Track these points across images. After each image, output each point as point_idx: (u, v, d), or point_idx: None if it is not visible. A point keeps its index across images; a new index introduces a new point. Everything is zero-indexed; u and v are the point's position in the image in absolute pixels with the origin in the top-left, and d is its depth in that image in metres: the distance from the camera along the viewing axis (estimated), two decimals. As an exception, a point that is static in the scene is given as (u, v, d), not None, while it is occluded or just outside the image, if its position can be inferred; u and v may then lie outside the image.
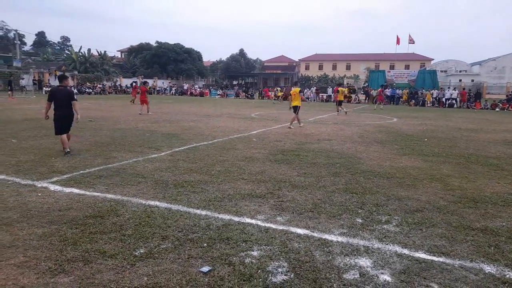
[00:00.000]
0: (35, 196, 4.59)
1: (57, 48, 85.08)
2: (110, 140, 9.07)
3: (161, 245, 3.35)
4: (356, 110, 25.28)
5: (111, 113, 16.79)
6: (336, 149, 8.58)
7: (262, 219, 4.06)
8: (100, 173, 5.80)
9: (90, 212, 4.09)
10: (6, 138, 8.87)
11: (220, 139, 9.79)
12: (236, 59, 66.49)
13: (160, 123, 13.13)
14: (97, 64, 48.37)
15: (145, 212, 4.14)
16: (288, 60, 77.81)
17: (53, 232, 3.57)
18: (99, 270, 2.89)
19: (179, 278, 2.80)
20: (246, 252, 3.24)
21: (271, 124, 14.08)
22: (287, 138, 10.29)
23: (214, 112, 19.69)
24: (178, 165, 6.53)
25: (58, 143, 8.36)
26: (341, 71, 68.76)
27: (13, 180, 5.30)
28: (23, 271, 2.86)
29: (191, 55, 59.02)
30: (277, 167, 6.59)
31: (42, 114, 8.18)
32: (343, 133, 11.84)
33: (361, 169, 6.59)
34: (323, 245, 3.44)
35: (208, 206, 4.43)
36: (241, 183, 5.48)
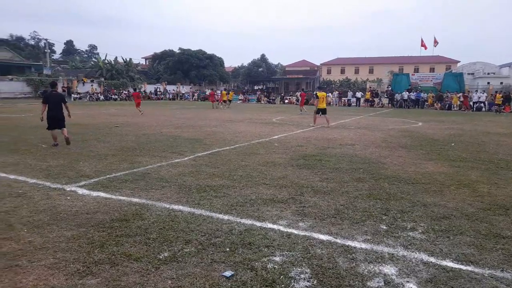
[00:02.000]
0: (64, 200, 4.76)
1: (84, 56, 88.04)
2: (135, 145, 9.29)
3: (184, 249, 3.40)
4: (380, 114, 24.87)
5: (136, 119, 17.19)
6: (359, 154, 8.47)
7: (284, 224, 4.06)
8: (125, 177, 5.95)
9: (116, 216, 4.20)
10: (37, 144, 9.23)
11: (242, 144, 9.85)
12: (257, 64, 66.80)
13: (183, 129, 13.33)
14: (122, 71, 49.69)
15: (169, 216, 4.21)
16: (310, 65, 77.50)
17: (81, 234, 3.68)
18: (125, 272, 2.96)
19: (202, 282, 2.83)
20: (269, 258, 3.25)
21: (292, 129, 14.05)
22: (309, 143, 10.23)
23: (235, 117, 19.83)
24: (200, 169, 6.61)
25: (85, 147, 8.67)
26: (363, 74, 67.90)
27: (43, 184, 5.50)
28: (53, 272, 2.96)
29: (213, 60, 59.77)
30: (299, 172, 6.57)
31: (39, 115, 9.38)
32: (366, 137, 11.67)
33: (385, 174, 6.48)
34: (347, 252, 3.40)
35: (231, 210, 4.46)
36: (263, 188, 5.49)
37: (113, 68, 49.37)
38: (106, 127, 13.25)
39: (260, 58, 68.41)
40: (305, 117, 19.45)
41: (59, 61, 71.51)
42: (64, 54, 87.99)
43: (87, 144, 9.24)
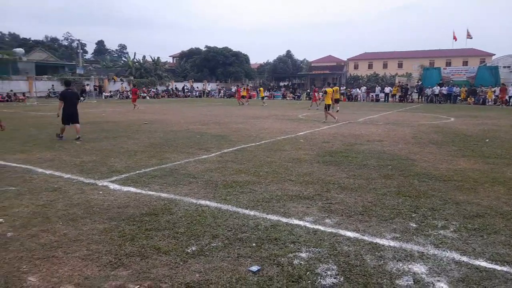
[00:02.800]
0: (96, 194, 4.94)
1: (115, 55, 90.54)
2: (164, 141, 9.49)
3: (211, 243, 3.46)
4: (409, 109, 24.20)
5: (164, 116, 17.55)
6: (387, 151, 8.29)
7: (311, 220, 4.04)
8: (154, 173, 6.10)
9: (146, 210, 4.32)
10: (70, 140, 9.61)
11: (267, 140, 9.86)
12: (283, 60, 66.46)
13: (209, 125, 13.49)
14: (151, 69, 50.75)
15: (196, 211, 4.29)
16: (336, 60, 76.28)
17: (113, 228, 3.81)
18: (154, 265, 3.04)
19: (229, 276, 2.87)
20: (295, 254, 3.25)
21: (318, 125, 13.92)
22: (336, 139, 10.11)
23: (261, 113, 19.85)
24: (227, 166, 6.68)
25: (116, 144, 8.95)
26: (392, 69, 66.10)
27: (77, 179, 5.73)
28: (87, 263, 3.08)
29: (238, 58, 59.99)
30: (325, 168, 6.51)
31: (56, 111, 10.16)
32: (395, 133, 11.39)
33: (415, 171, 6.31)
34: (374, 249, 3.35)
35: (256, 206, 4.49)
36: (289, 184, 5.48)
37: (141, 66, 50.52)
38: (135, 124, 13.61)
39: (285, 54, 68.06)
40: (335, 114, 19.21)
41: (91, 61, 73.92)
42: (95, 54, 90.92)
43: (118, 141, 9.53)
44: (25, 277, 2.85)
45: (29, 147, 8.53)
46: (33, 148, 8.41)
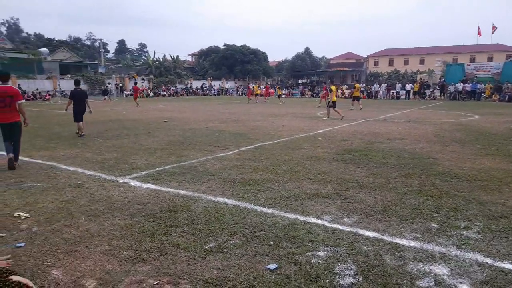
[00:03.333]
0: (117, 191, 5.04)
1: (135, 54, 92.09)
2: (182, 139, 9.60)
3: (229, 240, 3.48)
4: (432, 107, 23.65)
5: (183, 114, 17.74)
6: (408, 149, 8.13)
7: (329, 219, 4.01)
8: (173, 170, 6.18)
9: (165, 207, 4.38)
10: (93, 138, 9.84)
11: (285, 138, 9.83)
12: (301, 57, 65.97)
13: (228, 123, 13.56)
14: (170, 68, 51.38)
15: (214, 208, 4.32)
16: (356, 57, 75.20)
17: (133, 224, 3.89)
18: (173, 261, 3.09)
19: (246, 273, 2.88)
20: (313, 252, 3.23)
21: (337, 123, 13.77)
22: (355, 137, 9.98)
23: (279, 111, 19.80)
24: (245, 163, 6.70)
25: (136, 141, 9.12)
26: (413, 65, 64.64)
27: (99, 175, 5.87)
28: (108, 258, 3.16)
29: (257, 55, 59.95)
30: (344, 167, 6.44)
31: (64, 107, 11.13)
32: (416, 131, 11.16)
33: (437, 170, 6.17)
34: (394, 249, 3.29)
35: (274, 204, 4.48)
36: (307, 182, 5.45)
37: (161, 65, 51.21)
38: (155, 122, 13.81)
39: (304, 52, 67.54)
40: (351, 111, 18.99)
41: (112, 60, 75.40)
42: (116, 53, 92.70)
43: (138, 139, 9.69)
44: (50, 270, 2.95)
45: (53, 145, 8.78)
46: (57, 145, 8.66)
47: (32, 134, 10.57)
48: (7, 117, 6.54)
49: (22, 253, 3.22)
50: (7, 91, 6.55)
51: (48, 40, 65.71)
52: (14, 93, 6.64)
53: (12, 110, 6.58)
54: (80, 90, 10.68)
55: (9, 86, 6.77)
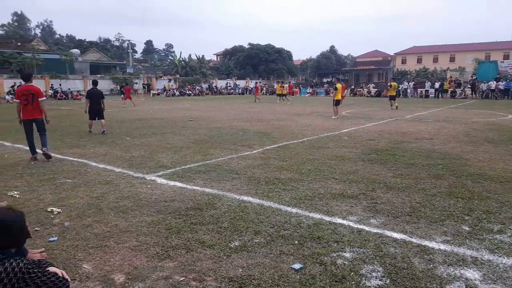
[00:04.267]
0: (145, 188, 5.16)
1: (162, 54, 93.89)
2: (208, 138, 9.71)
3: (254, 239, 3.49)
4: (462, 106, 22.84)
5: (208, 113, 17.94)
6: (437, 149, 7.89)
7: (355, 220, 3.95)
8: (199, 168, 6.26)
9: (191, 204, 4.44)
10: (121, 136, 10.12)
11: (310, 137, 9.76)
12: (326, 56, 65.33)
13: (252, 122, 13.60)
14: (195, 67, 52.08)
15: (239, 207, 4.35)
16: (382, 55, 73.67)
17: (160, 220, 3.97)
18: (199, 258, 3.13)
19: (271, 272, 2.88)
20: (338, 253, 3.19)
21: (363, 122, 13.54)
22: (381, 136, 9.78)
23: (303, 110, 19.68)
24: (269, 162, 6.70)
25: (163, 140, 9.30)
26: (443, 63, 62.62)
27: (127, 173, 6.02)
28: (136, 254, 3.24)
29: (281, 54, 59.84)
30: (370, 167, 6.32)
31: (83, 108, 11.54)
32: (446, 131, 10.81)
33: (468, 171, 5.95)
34: (423, 252, 3.20)
35: (299, 204, 4.46)
36: (332, 182, 5.39)
37: (187, 65, 52.00)
38: (181, 121, 14.04)
39: (329, 50, 66.86)
40: (377, 110, 18.62)
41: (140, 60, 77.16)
42: (144, 53, 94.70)
43: (164, 137, 9.88)
44: (81, 264, 3.05)
45: (84, 142, 9.09)
46: (87, 143, 8.95)
47: (64, 132, 10.98)
48: (31, 114, 7.09)
49: (55, 247, 3.35)
50: (30, 89, 7.08)
51: (79, 42, 67.98)
52: (36, 91, 7.14)
53: (35, 107, 7.10)
54: (96, 90, 11.11)
55: (32, 85, 7.30)
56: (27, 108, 7.05)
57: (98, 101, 10.87)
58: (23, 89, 7.14)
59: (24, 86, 7.22)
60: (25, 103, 7.02)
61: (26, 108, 7.05)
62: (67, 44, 68.50)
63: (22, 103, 7.04)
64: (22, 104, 7.06)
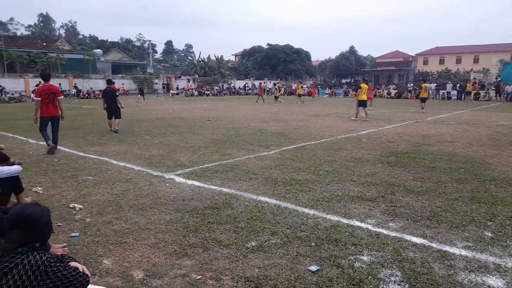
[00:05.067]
0: (163, 186, 5.23)
1: (181, 55, 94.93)
2: (225, 138, 9.76)
3: (270, 240, 3.49)
4: (486, 108, 22.21)
5: (226, 113, 18.04)
6: (460, 153, 7.69)
7: (373, 223, 3.90)
8: (216, 168, 6.30)
9: (208, 204, 4.48)
10: (141, 135, 10.29)
11: (328, 139, 9.68)
12: (345, 56, 64.64)
13: (269, 123, 13.59)
14: (214, 68, 52.46)
15: (256, 207, 4.36)
16: (403, 55, 72.40)
17: (178, 219, 4.02)
18: (215, 257, 3.15)
19: (288, 274, 2.88)
20: (356, 256, 3.16)
21: (383, 124, 13.34)
22: (401, 139, 9.62)
23: (322, 111, 19.54)
24: (286, 163, 6.68)
25: (182, 139, 9.40)
26: (467, 64, 60.99)
27: (147, 171, 6.12)
28: (154, 251, 3.29)
29: (300, 55, 59.59)
30: (390, 169, 6.23)
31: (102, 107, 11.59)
32: (468, 134, 10.54)
33: (492, 176, 5.78)
34: (443, 258, 3.14)
35: (316, 205, 4.43)
36: (350, 184, 5.33)
37: (206, 65, 52.45)
38: (199, 121, 14.16)
39: (348, 51, 66.14)
40: (397, 112, 18.30)
41: (160, 60, 78.24)
42: (164, 54, 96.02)
43: (183, 136, 9.99)
44: (101, 260, 3.12)
45: (105, 141, 9.29)
46: (108, 142, 9.14)
47: (86, 130, 11.26)
48: (51, 111, 7.77)
49: (76, 242, 3.44)
50: (51, 89, 7.79)
51: (101, 42, 69.51)
52: (57, 90, 7.93)
53: (55, 105, 7.80)
54: (110, 89, 11.33)
55: (52, 84, 8.06)
56: (48, 106, 7.67)
57: (114, 99, 11.05)
58: (45, 88, 7.69)
59: (46, 86, 7.78)
60: (46, 101, 7.62)
61: (47, 106, 7.66)
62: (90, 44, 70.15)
63: (44, 101, 7.61)
64: (43, 103, 7.61)
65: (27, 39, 48.81)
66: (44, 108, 7.65)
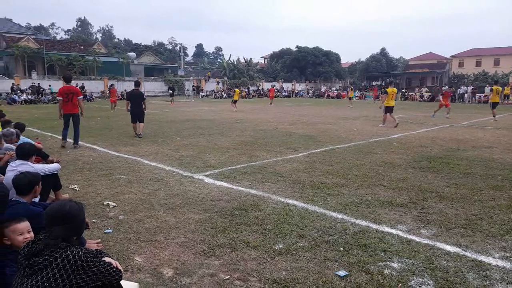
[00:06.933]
0: (193, 187, 5.33)
1: (211, 57, 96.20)
2: (253, 140, 9.81)
3: (298, 243, 3.48)
4: (527, 113, 21.08)
5: (254, 115, 18.12)
6: (497, 159, 7.36)
7: (404, 230, 3.80)
8: (244, 169, 6.35)
9: (236, 205, 4.52)
10: (172, 136, 10.52)
11: (357, 142, 9.52)
12: (376, 59, 63.23)
13: (297, 125, 13.53)
14: (243, 70, 52.80)
15: (283, 210, 4.36)
16: (437, 57, 69.97)
17: (207, 219, 4.08)
18: (243, 258, 3.18)
19: (315, 278, 2.86)
20: (385, 263, 3.09)
21: (414, 127, 12.96)
22: (434, 143, 9.31)
23: (351, 114, 19.23)
24: (314, 166, 6.63)
25: (211, 140, 9.53)
26: (505, 67, 58.04)
27: (177, 171, 6.26)
28: (184, 250, 3.36)
29: (329, 57, 58.89)
30: (422, 175, 6.05)
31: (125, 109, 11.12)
32: (507, 140, 10.05)
33: (533, 184, 5.50)
34: (478, 268, 3.02)
35: (345, 210, 4.38)
36: (380, 189, 5.23)
37: (235, 67, 52.88)
38: (228, 123, 14.30)
39: (379, 53, 64.68)
40: (429, 115, 17.72)
41: (190, 63, 79.61)
42: (194, 56, 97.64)
43: (212, 138, 10.13)
44: (133, 256, 3.23)
45: (137, 141, 9.57)
46: (141, 142, 9.41)
47: (120, 131, 11.64)
48: (70, 109, 8.60)
49: (110, 239, 3.58)
50: (71, 89, 8.72)
51: (135, 45, 71.61)
52: (75, 91, 8.82)
53: (74, 104, 8.61)
54: (137, 91, 10.72)
55: (72, 85, 9.06)
56: (67, 104, 8.55)
57: (139, 103, 10.39)
58: (65, 89, 8.64)
59: (66, 87, 8.72)
60: (66, 100, 8.53)
61: (66, 104, 8.55)
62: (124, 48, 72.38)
63: (64, 100, 8.52)
64: (64, 102, 8.53)
65: (66, 43, 51.02)
66: (65, 106, 8.56)
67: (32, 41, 41.71)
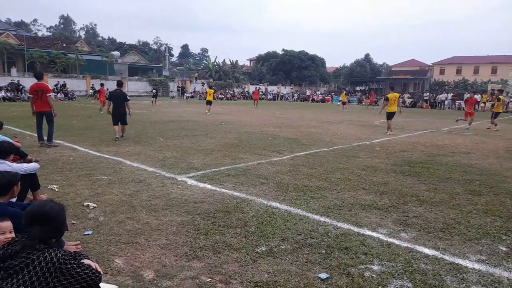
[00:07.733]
0: (176, 188, 5.28)
1: (197, 58, 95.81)
2: (238, 142, 9.80)
3: (280, 245, 3.49)
4: (504, 120, 21.76)
5: (238, 118, 18.11)
6: (475, 164, 7.56)
7: (384, 233, 3.86)
8: (228, 172, 6.34)
9: (219, 207, 4.51)
10: (155, 137, 10.40)
11: (340, 146, 9.63)
12: (360, 64, 64.22)
13: (282, 128, 13.59)
14: (229, 72, 52.77)
15: (266, 212, 4.36)
16: (420, 64, 71.62)
17: (189, 221, 4.05)
18: (225, 260, 3.17)
19: (297, 280, 2.87)
20: (366, 266, 3.13)
21: (396, 132, 13.20)
22: (415, 148, 9.50)
23: (335, 118, 19.45)
24: (298, 169, 6.67)
25: (195, 142, 9.47)
26: (484, 75, 59.89)
27: (159, 172, 6.19)
28: (165, 252, 3.32)
29: (314, 61, 59.51)
30: (403, 179, 6.16)
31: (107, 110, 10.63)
32: (485, 146, 10.35)
33: (508, 189, 5.67)
34: (456, 271, 3.09)
35: (327, 213, 4.42)
36: (362, 193, 5.30)
37: (220, 69, 52.81)
38: (212, 124, 14.25)
39: (364, 58, 65.71)
40: (412, 121, 18.08)
41: (176, 63, 79.04)
42: (180, 57, 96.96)
43: (196, 139, 10.07)
44: (113, 258, 3.17)
45: (119, 141, 9.42)
46: (123, 142, 9.27)
47: (102, 130, 11.44)
48: (40, 107, 8.52)
49: (90, 240, 3.50)
50: (40, 86, 8.49)
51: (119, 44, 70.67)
52: (44, 88, 8.57)
53: (43, 101, 8.48)
54: (119, 92, 10.04)
55: (42, 83, 8.73)
56: (37, 102, 8.48)
57: (121, 104, 9.78)
58: (35, 86, 8.50)
59: (36, 84, 8.55)
60: (36, 98, 8.46)
61: (36, 102, 8.49)
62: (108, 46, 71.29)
63: (34, 98, 8.49)
64: (33, 99, 8.51)
65: (48, 40, 49.94)
66: (35, 104, 8.54)
67: (12, 37, 40.69)
